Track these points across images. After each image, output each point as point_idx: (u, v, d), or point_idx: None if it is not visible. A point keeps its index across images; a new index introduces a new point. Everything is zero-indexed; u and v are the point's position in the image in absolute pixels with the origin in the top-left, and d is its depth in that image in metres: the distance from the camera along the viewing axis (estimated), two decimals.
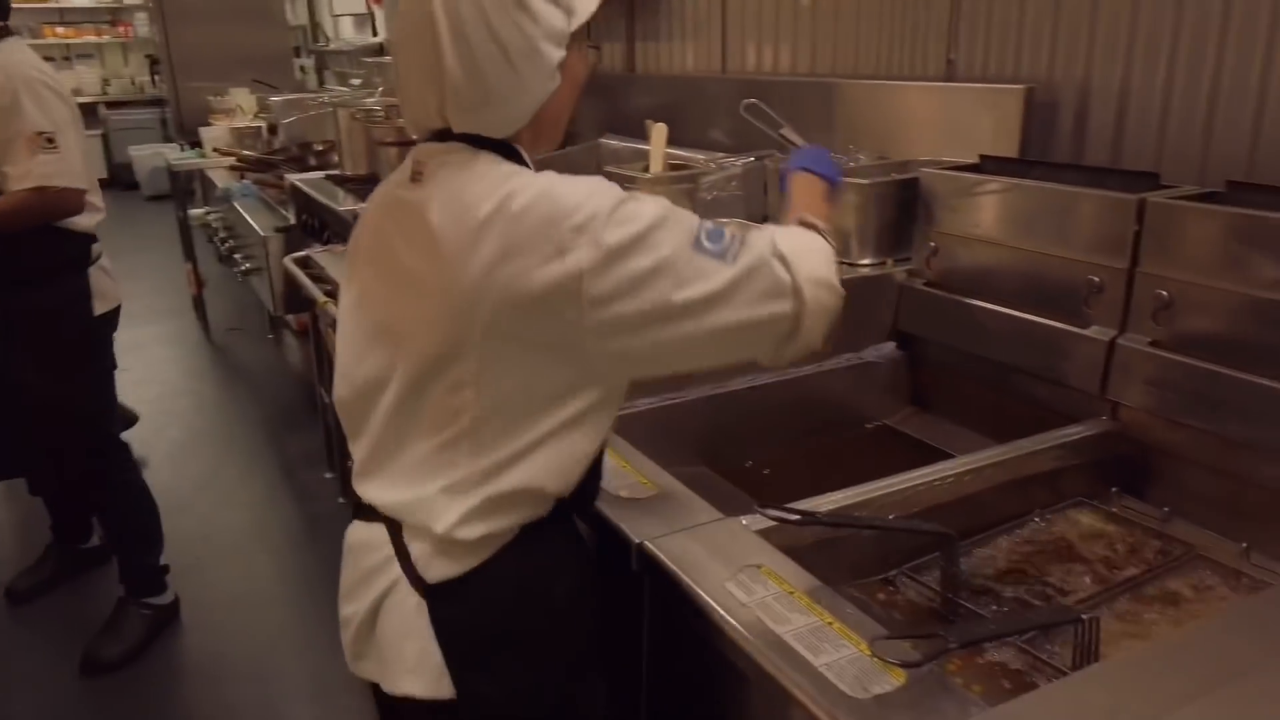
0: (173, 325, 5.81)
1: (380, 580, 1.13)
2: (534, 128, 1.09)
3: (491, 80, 1.03)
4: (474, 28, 1.01)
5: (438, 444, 1.07)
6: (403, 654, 1.10)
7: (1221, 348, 1.37)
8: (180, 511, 3.52)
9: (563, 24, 1.05)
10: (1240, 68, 1.61)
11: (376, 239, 1.14)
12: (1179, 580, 1.32)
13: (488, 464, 1.05)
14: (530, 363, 1.02)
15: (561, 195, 0.99)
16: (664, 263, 0.99)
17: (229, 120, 5.72)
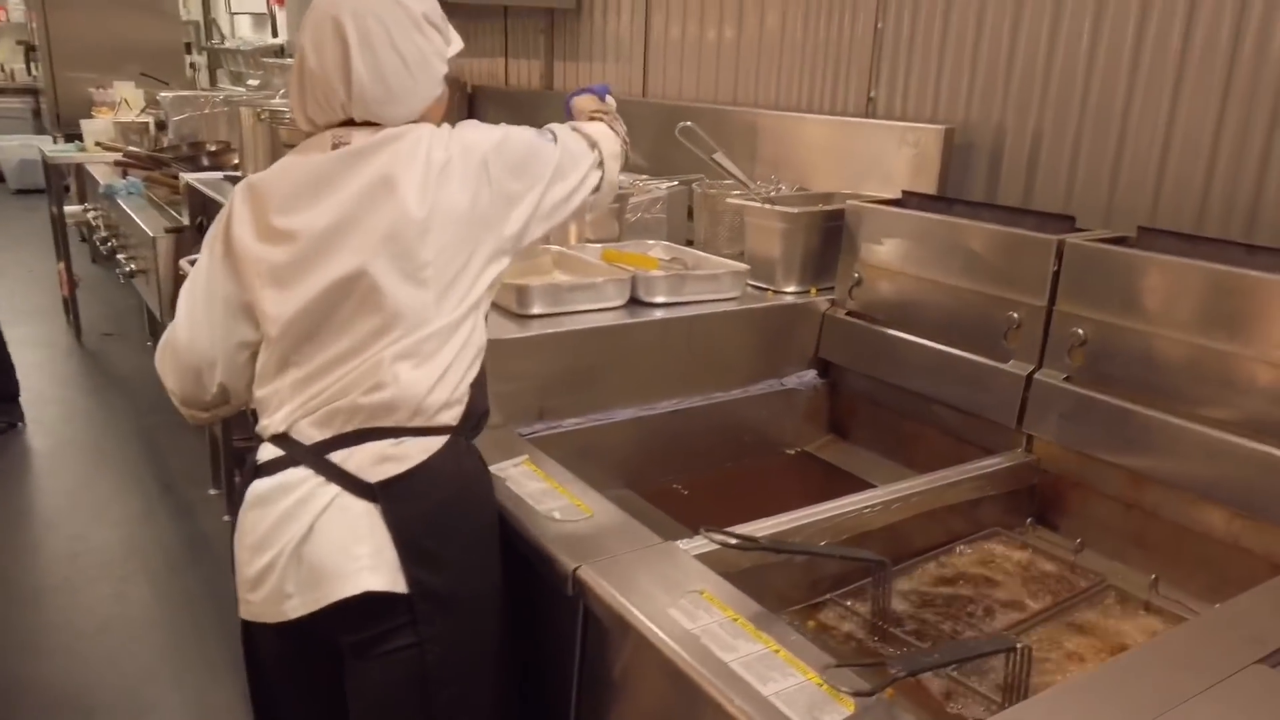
0: (40, 328, 5.43)
1: (308, 509, 1.20)
2: (422, 121, 1.34)
3: (394, 83, 1.28)
4: (379, 41, 1.26)
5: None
6: (356, 555, 1.19)
7: (1133, 385, 1.43)
8: (46, 528, 3.28)
9: (444, 48, 1.35)
10: (1146, 118, 1.70)
11: (318, 189, 1.27)
12: (1092, 610, 1.37)
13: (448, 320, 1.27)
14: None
15: (472, 134, 1.34)
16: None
17: (113, 114, 5.41)
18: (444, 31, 1.36)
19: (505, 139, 1.34)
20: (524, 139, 1.37)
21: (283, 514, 1.22)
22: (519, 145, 1.36)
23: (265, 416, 1.28)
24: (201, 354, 1.35)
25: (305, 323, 1.25)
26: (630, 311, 1.78)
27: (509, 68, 3.89)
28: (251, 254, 1.28)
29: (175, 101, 4.88)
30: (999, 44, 1.93)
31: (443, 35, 1.35)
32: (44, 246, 5.63)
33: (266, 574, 1.22)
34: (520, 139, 1.37)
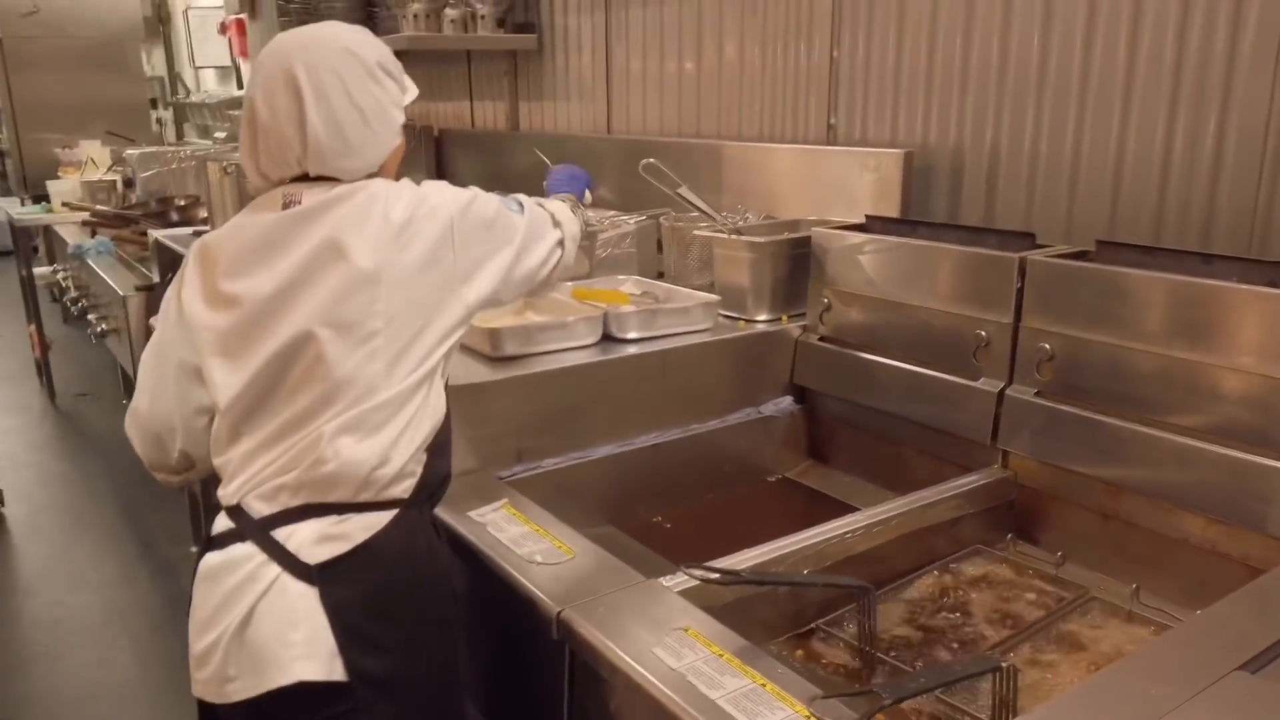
0: (12, 392, 5.38)
1: (250, 590, 1.17)
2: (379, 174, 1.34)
3: (351, 135, 1.26)
4: (335, 93, 1.25)
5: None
6: (290, 643, 1.15)
7: (1102, 397, 1.45)
8: (25, 595, 3.23)
9: (400, 96, 1.33)
10: (1099, 132, 1.74)
11: (267, 251, 1.25)
12: (1076, 623, 1.37)
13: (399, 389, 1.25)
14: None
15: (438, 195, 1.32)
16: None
17: (79, 173, 5.40)
18: (399, 79, 1.34)
19: (473, 200, 1.33)
20: (492, 203, 1.36)
21: (227, 593, 1.19)
22: (487, 208, 1.34)
23: (221, 486, 1.26)
24: (161, 420, 1.33)
25: (252, 393, 1.23)
26: (603, 348, 1.79)
27: (474, 110, 3.92)
28: (200, 320, 1.26)
29: (142, 158, 4.87)
30: (951, 66, 1.97)
31: (398, 83, 1.34)
32: (14, 309, 5.58)
33: (210, 653, 1.19)
34: (488, 202, 1.36)
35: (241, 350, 1.23)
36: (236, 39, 6.23)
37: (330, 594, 1.16)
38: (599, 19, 3.02)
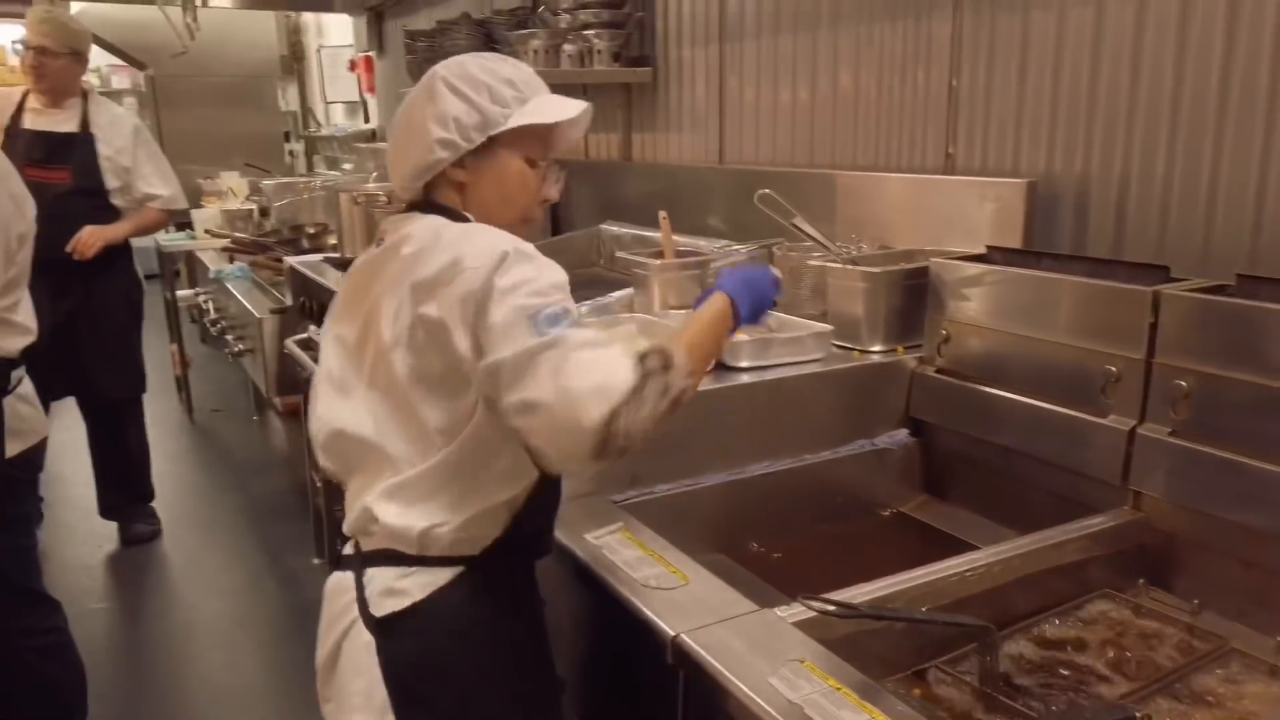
0: (154, 406, 5.67)
1: (339, 624, 1.24)
2: (470, 200, 1.29)
3: (395, 144, 1.31)
4: (405, 110, 1.29)
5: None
6: (352, 692, 1.20)
7: (1243, 438, 1.38)
8: (161, 599, 3.43)
9: (473, 119, 1.25)
10: (1238, 160, 1.66)
11: (349, 298, 1.32)
12: (1213, 676, 1.30)
13: (442, 456, 1.20)
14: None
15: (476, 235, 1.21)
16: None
17: (220, 202, 5.75)
18: (476, 97, 1.23)
19: (510, 290, 1.12)
20: (523, 306, 1.11)
21: (330, 618, 1.27)
22: (516, 306, 1.11)
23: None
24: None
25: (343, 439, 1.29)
26: (716, 377, 1.80)
27: (589, 141, 4.02)
28: (323, 349, 1.36)
29: (276, 188, 5.17)
30: (1078, 93, 1.92)
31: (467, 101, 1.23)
32: (158, 330, 5.96)
33: (320, 667, 1.29)
34: (519, 303, 1.11)
35: (342, 389, 1.29)
36: (364, 75, 6.55)
37: (386, 649, 1.19)
38: (713, 51, 3.06)
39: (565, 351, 1.09)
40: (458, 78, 1.25)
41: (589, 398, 1.06)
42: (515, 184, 1.31)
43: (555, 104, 1.30)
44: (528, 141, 1.30)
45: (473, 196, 1.29)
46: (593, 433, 1.06)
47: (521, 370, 1.10)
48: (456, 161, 1.26)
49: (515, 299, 1.12)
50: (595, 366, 1.08)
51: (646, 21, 3.38)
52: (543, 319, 1.11)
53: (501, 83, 1.26)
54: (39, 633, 2.32)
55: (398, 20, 5.81)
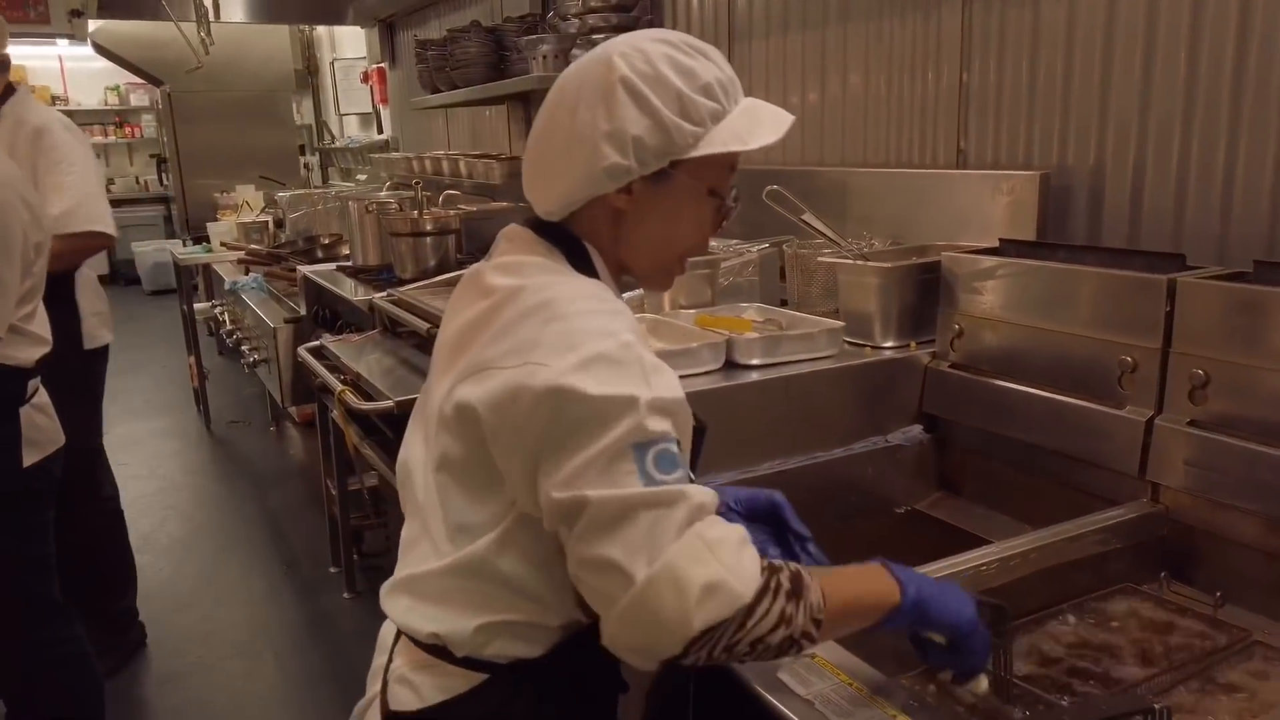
0: (173, 419, 5.78)
1: (374, 686, 1.10)
2: (625, 232, 1.05)
3: (549, 153, 1.04)
4: (566, 106, 1.01)
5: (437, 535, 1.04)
6: None
7: (1264, 427, 1.35)
8: (180, 609, 3.44)
9: (656, 140, 0.98)
10: (1254, 146, 1.64)
11: (449, 312, 1.12)
12: (1237, 669, 1.27)
13: (462, 555, 1.01)
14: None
15: (567, 316, 0.94)
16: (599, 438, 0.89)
17: (235, 215, 5.80)
18: (683, 105, 0.97)
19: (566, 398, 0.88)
20: (626, 434, 0.87)
21: (371, 672, 1.13)
22: (619, 434, 0.87)
23: None
24: None
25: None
26: (726, 374, 1.79)
27: None
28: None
29: (291, 200, 5.21)
30: (1090, 83, 1.90)
31: (660, 123, 0.97)
32: (176, 342, 6.02)
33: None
34: (622, 431, 0.87)
35: (419, 421, 1.11)
36: (378, 87, 6.60)
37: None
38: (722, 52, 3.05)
39: (681, 517, 0.86)
40: (642, 78, 0.97)
41: (699, 594, 0.84)
42: (690, 220, 1.06)
43: (759, 121, 1.02)
44: (717, 169, 1.04)
45: (632, 230, 1.04)
46: (681, 639, 0.84)
47: (614, 521, 0.86)
48: (623, 187, 1.02)
49: (625, 424, 0.87)
50: (714, 553, 0.85)
51: (655, 24, 3.38)
52: (652, 459, 0.87)
53: (698, 91, 0.98)
54: (57, 643, 2.33)
55: (409, 31, 5.84)
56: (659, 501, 0.86)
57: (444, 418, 1.00)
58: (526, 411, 0.90)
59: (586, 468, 0.87)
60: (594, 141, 0.98)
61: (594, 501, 0.86)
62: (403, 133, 6.48)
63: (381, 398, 2.16)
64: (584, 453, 0.87)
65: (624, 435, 0.87)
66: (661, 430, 0.89)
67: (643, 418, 0.88)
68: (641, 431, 0.88)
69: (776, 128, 1.03)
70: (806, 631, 0.90)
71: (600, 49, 1.03)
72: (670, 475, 0.87)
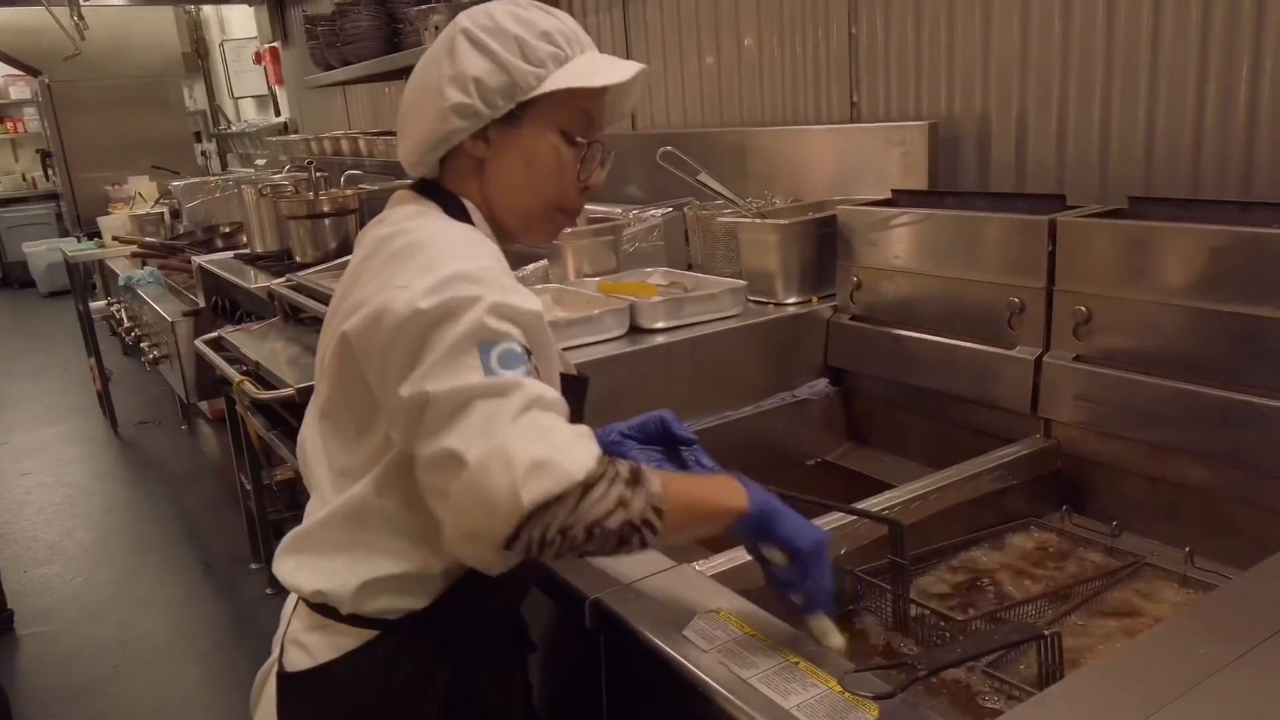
0: (77, 423, 5.55)
1: (272, 654, 1.11)
2: (489, 181, 1.09)
3: (407, 111, 1.10)
4: (420, 67, 1.08)
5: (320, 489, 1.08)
6: None
7: (1142, 358, 1.40)
8: (93, 619, 3.32)
9: (497, 80, 1.02)
10: (1128, 88, 1.69)
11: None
12: (1128, 590, 1.33)
13: (343, 500, 1.03)
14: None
15: (428, 247, 0.98)
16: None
17: (128, 208, 5.56)
18: (523, 49, 1.01)
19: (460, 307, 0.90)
20: (474, 330, 0.90)
21: (274, 642, 1.13)
22: (466, 330, 0.90)
23: None
24: None
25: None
26: (631, 340, 1.78)
27: None
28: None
29: (187, 189, 5.00)
30: (972, 33, 1.93)
31: (499, 63, 1.01)
32: (76, 344, 5.77)
33: (252, 694, 1.16)
34: (471, 326, 0.90)
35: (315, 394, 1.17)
36: (271, 67, 6.38)
37: (283, 712, 1.06)
38: (617, 16, 3.02)
39: (516, 404, 0.87)
40: (482, 29, 1.02)
41: (526, 471, 0.85)
42: (546, 164, 1.07)
43: (603, 65, 1.06)
44: (567, 112, 1.06)
45: (493, 178, 1.07)
46: (512, 516, 0.85)
47: (453, 412, 0.88)
48: (478, 133, 1.05)
49: (466, 321, 0.90)
50: (547, 436, 0.87)
51: None
52: (496, 355, 0.90)
53: (537, 36, 1.03)
54: None
55: (299, 7, 5.65)
56: (495, 391, 0.88)
57: (322, 364, 1.05)
58: (389, 332, 0.93)
59: (433, 367, 0.90)
60: (438, 87, 1.03)
61: (434, 395, 0.89)
62: (301, 114, 6.28)
63: (283, 385, 2.10)
64: (432, 355, 0.90)
65: (467, 332, 0.90)
66: (505, 330, 0.92)
67: (485, 317, 0.91)
68: (485, 330, 0.91)
69: (620, 70, 1.06)
70: (647, 519, 0.91)
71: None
72: (511, 371, 0.90)
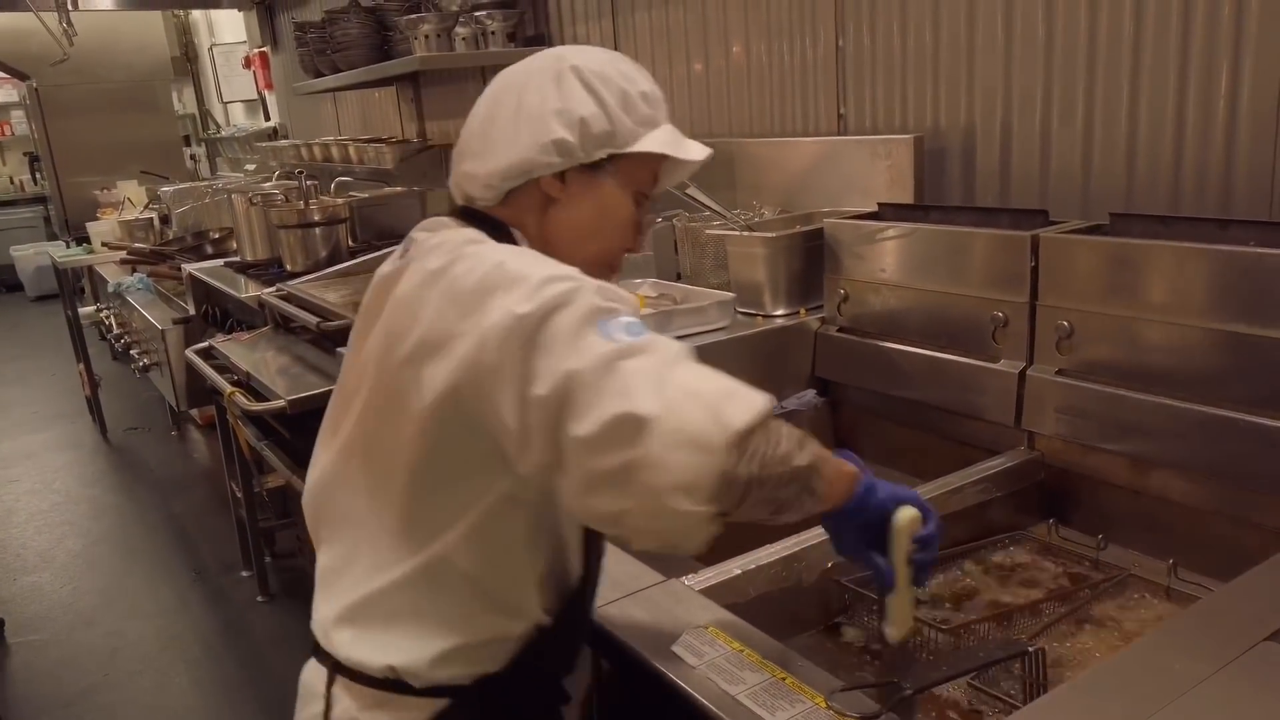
0: (66, 430, 5.53)
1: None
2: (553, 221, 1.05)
3: (492, 133, 1.03)
4: (512, 91, 1.04)
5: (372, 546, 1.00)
6: None
7: (1123, 371, 1.43)
8: (84, 627, 3.31)
9: (601, 126, 1.01)
10: (1109, 103, 1.71)
11: (360, 321, 1.06)
12: (1112, 603, 1.35)
13: (417, 562, 0.97)
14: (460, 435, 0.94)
15: (506, 265, 0.91)
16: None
17: (117, 213, 5.54)
18: (627, 104, 1.02)
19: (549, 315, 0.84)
20: (589, 312, 0.85)
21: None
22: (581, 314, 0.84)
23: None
24: None
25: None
26: None
27: None
28: None
29: (176, 195, 5.00)
30: (957, 48, 1.96)
31: (607, 110, 1.01)
32: (65, 350, 5.75)
33: None
34: (584, 310, 0.85)
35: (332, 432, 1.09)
36: (260, 71, 6.37)
37: None
38: (606, 26, 3.04)
39: (668, 354, 0.84)
40: (593, 73, 1.02)
41: (720, 399, 0.82)
42: (617, 219, 1.06)
43: (683, 139, 1.08)
44: (644, 173, 1.07)
45: (559, 219, 1.04)
46: (725, 447, 0.79)
47: (605, 379, 0.81)
48: (558, 173, 1.03)
49: (578, 305, 0.85)
50: (715, 374, 0.85)
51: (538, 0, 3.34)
52: (618, 326, 0.84)
53: (639, 95, 1.04)
54: None
55: (289, 13, 5.65)
56: (639, 350, 0.83)
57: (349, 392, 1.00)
58: (496, 349, 0.85)
59: (561, 356, 0.83)
60: (543, 117, 1.00)
61: (579, 371, 0.81)
62: (291, 119, 6.28)
63: (274, 397, 2.11)
64: (554, 346, 0.83)
65: (583, 314, 0.84)
66: (616, 306, 0.87)
67: (593, 298, 0.86)
68: (599, 310, 0.85)
69: (700, 150, 1.09)
70: (814, 466, 0.88)
71: (543, 52, 1.09)
72: (642, 336, 0.85)
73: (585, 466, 0.82)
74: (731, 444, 0.81)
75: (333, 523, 1.04)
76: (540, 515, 0.99)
